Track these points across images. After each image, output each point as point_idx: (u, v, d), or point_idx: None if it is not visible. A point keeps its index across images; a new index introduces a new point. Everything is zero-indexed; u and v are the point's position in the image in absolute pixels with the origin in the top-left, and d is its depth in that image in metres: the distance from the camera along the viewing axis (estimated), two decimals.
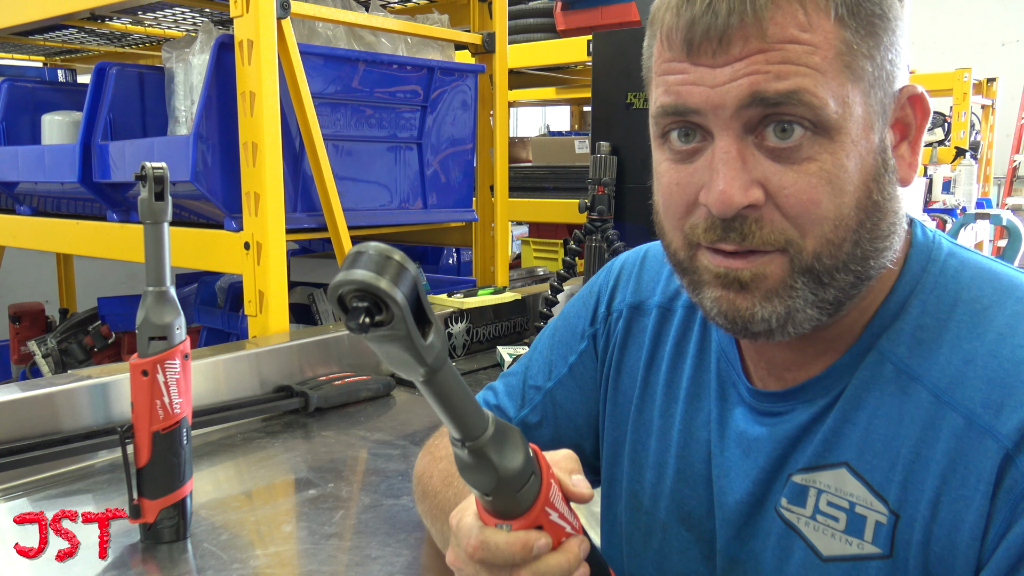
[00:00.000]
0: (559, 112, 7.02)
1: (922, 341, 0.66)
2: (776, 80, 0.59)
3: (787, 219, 0.62)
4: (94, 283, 3.36)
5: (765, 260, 0.63)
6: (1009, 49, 7.39)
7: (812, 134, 0.61)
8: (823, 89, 0.60)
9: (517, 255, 3.81)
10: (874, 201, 0.63)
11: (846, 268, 0.63)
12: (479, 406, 0.57)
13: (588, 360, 0.89)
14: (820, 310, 0.64)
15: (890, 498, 0.64)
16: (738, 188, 0.61)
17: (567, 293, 2.04)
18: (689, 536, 0.78)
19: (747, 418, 0.74)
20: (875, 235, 0.64)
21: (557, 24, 2.97)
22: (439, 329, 0.52)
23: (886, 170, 0.64)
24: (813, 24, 0.60)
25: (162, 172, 0.90)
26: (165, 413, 0.90)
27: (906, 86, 0.65)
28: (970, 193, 4.11)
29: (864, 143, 0.62)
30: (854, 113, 0.61)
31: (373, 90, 1.92)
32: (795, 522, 0.69)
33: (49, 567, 0.87)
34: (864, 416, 0.66)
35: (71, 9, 2.02)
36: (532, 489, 0.60)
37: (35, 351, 2.57)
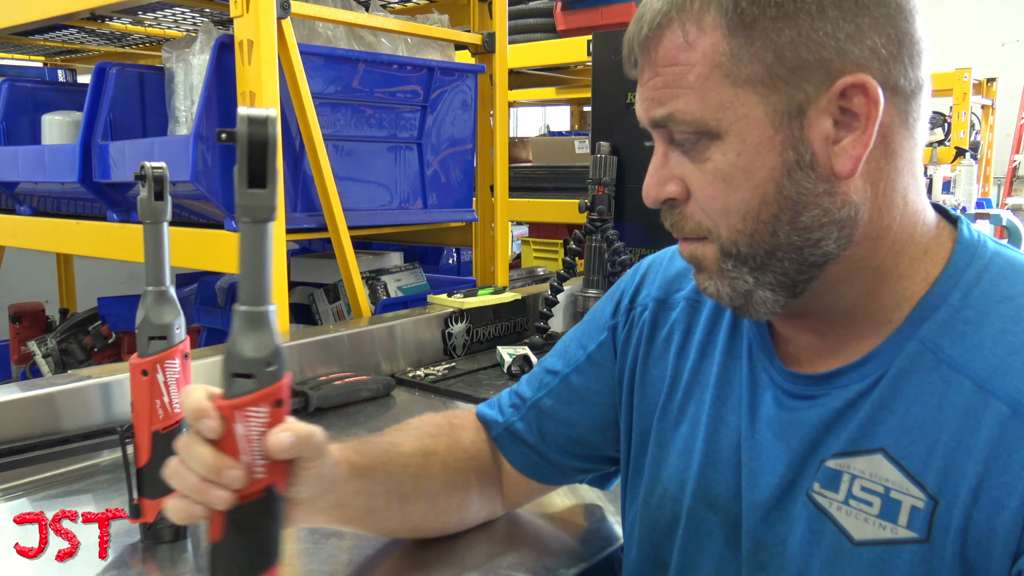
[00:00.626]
0: (559, 112, 7.02)
1: (964, 333, 0.66)
2: (658, 106, 0.68)
3: (703, 211, 0.70)
4: (94, 283, 3.35)
5: (697, 245, 0.72)
6: (1009, 49, 7.39)
7: (706, 139, 0.67)
8: (695, 105, 0.66)
9: (517, 255, 3.81)
10: (786, 196, 0.66)
11: (774, 255, 0.68)
12: (266, 291, 0.63)
13: (606, 350, 0.92)
14: (773, 291, 0.70)
15: (928, 484, 0.65)
16: (655, 184, 0.72)
17: (567, 293, 2.04)
18: (715, 520, 0.79)
19: (779, 401, 0.75)
20: (797, 226, 0.67)
21: (557, 24, 2.97)
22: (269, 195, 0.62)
23: (801, 165, 0.65)
24: (693, 43, 0.66)
25: (162, 172, 0.90)
26: (165, 413, 0.89)
27: (846, 77, 0.63)
28: (970, 193, 4.11)
29: (762, 141, 0.65)
30: (744, 115, 0.65)
31: (373, 90, 1.92)
32: (827, 507, 0.70)
33: (49, 567, 0.87)
34: (902, 404, 0.67)
35: (71, 9, 2.02)
36: (243, 387, 0.63)
37: (35, 351, 2.56)
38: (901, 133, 0.67)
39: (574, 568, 0.92)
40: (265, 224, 0.63)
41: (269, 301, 0.64)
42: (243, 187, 0.63)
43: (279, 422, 0.65)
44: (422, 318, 1.77)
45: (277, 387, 0.65)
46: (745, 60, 0.64)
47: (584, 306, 2.05)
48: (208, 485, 0.62)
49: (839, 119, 0.65)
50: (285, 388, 0.66)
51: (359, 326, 1.67)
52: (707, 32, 0.65)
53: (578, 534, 1.02)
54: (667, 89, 0.67)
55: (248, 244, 0.64)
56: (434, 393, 1.58)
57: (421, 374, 1.65)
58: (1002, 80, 5.78)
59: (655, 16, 0.67)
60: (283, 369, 0.65)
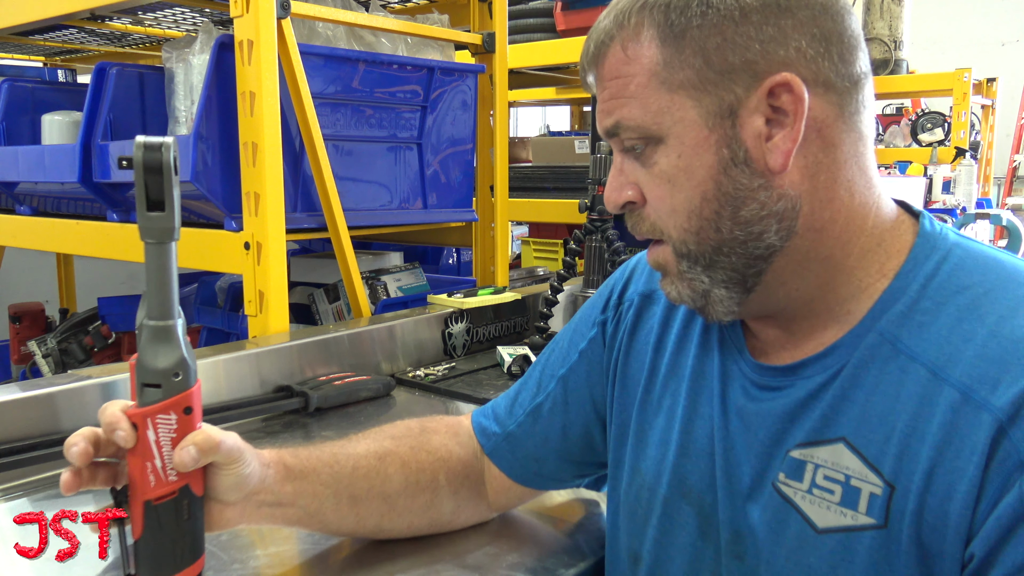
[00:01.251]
0: (559, 112, 7.02)
1: (922, 324, 0.68)
2: (607, 116, 0.74)
3: (655, 214, 0.74)
4: (94, 283, 3.35)
5: (658, 251, 0.76)
6: (1009, 49, 7.39)
7: (652, 145, 0.71)
8: (638, 112, 0.71)
9: (517, 255, 3.81)
10: (724, 192, 0.70)
11: (720, 251, 0.72)
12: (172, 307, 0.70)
13: (596, 347, 0.93)
14: (727, 289, 0.73)
15: (884, 470, 0.67)
16: (613, 190, 0.76)
17: (567, 293, 2.04)
18: (689, 510, 0.80)
19: (747, 392, 0.77)
20: (738, 220, 0.70)
21: (557, 24, 2.97)
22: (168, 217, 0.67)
23: (735, 162, 0.69)
24: (631, 56, 0.71)
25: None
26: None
27: (772, 76, 0.67)
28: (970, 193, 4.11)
29: (698, 142, 0.69)
30: (680, 119, 0.70)
31: (373, 90, 1.92)
32: (792, 496, 0.72)
33: (49, 567, 0.87)
34: (862, 393, 0.69)
35: (71, 9, 2.02)
36: (152, 396, 0.70)
37: (35, 351, 2.56)
38: (838, 127, 0.70)
39: (573, 567, 0.92)
40: (167, 244, 0.70)
41: (174, 315, 0.70)
42: (143, 210, 0.67)
43: (190, 428, 0.72)
44: (422, 318, 1.77)
45: (185, 395, 0.71)
46: (677, 67, 0.69)
47: None
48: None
49: (771, 117, 0.68)
50: (193, 396, 0.71)
51: (359, 326, 1.67)
52: (644, 45, 0.70)
53: (577, 533, 1.02)
54: (613, 100, 0.73)
55: (152, 263, 0.70)
56: (434, 393, 1.57)
57: (421, 374, 1.65)
58: (1002, 80, 5.78)
59: (600, 35, 0.74)
60: (190, 378, 0.71)
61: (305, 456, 0.87)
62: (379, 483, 0.89)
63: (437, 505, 0.94)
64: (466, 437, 0.98)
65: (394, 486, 0.90)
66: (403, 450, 0.92)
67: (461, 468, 0.95)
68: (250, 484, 0.78)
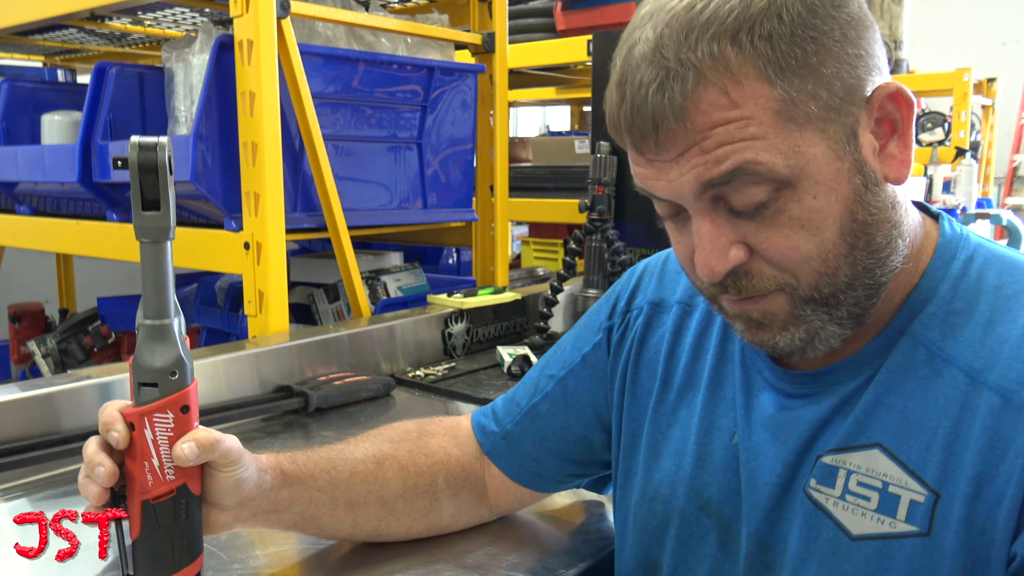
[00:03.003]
0: (559, 112, 7.02)
1: (955, 325, 0.68)
2: (717, 164, 0.63)
3: (775, 267, 0.67)
4: (94, 283, 3.35)
5: (768, 301, 0.68)
6: (1009, 49, 7.39)
7: (777, 191, 0.64)
8: (766, 153, 0.63)
9: (517, 255, 3.81)
10: (860, 222, 0.66)
11: (851, 287, 0.67)
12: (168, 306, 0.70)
13: (600, 352, 0.92)
14: (841, 325, 0.69)
15: (928, 477, 0.66)
16: (717, 258, 0.66)
17: (567, 293, 2.04)
18: (708, 522, 0.79)
19: (775, 402, 0.75)
20: (871, 249, 0.67)
21: (557, 24, 2.96)
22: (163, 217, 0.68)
23: (867, 187, 0.66)
24: (740, 98, 0.62)
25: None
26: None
27: (880, 86, 0.66)
28: (970, 193, 4.11)
29: (833, 176, 0.64)
30: (812, 155, 0.64)
31: (373, 90, 1.92)
32: (823, 502, 0.71)
33: (49, 567, 0.87)
34: (898, 399, 0.68)
35: (71, 9, 2.02)
36: (149, 395, 0.70)
37: (35, 351, 2.56)
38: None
39: (574, 568, 0.92)
40: (163, 244, 0.69)
41: (171, 314, 0.70)
42: (138, 210, 0.68)
43: (187, 427, 0.72)
44: (422, 318, 1.77)
45: (181, 394, 0.71)
46: (803, 100, 0.63)
47: (584, 306, 2.05)
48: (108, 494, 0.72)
49: (875, 131, 0.67)
50: (190, 395, 0.72)
51: (359, 326, 1.67)
52: (751, 83, 0.62)
53: (578, 534, 1.02)
54: (724, 147, 0.63)
55: (148, 262, 0.70)
56: (434, 393, 1.57)
57: (421, 374, 1.65)
58: (1002, 80, 5.78)
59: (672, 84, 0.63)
60: (187, 377, 0.71)
61: (303, 461, 0.86)
62: (377, 488, 0.89)
63: (436, 509, 0.93)
64: (465, 438, 0.98)
65: (392, 490, 0.90)
66: (401, 454, 0.92)
67: (460, 470, 0.95)
68: (246, 488, 0.78)
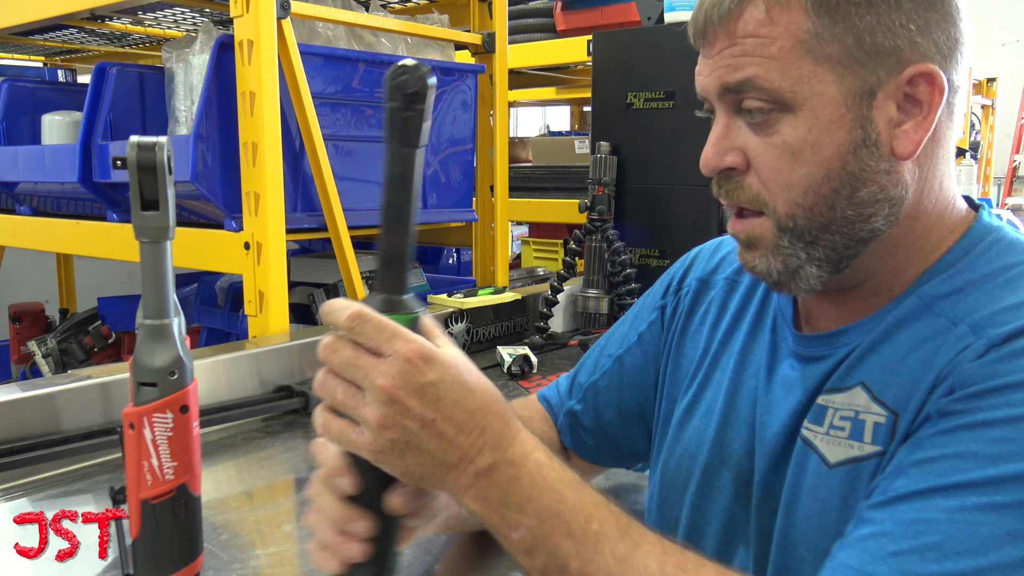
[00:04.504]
0: (559, 112, 7.02)
1: (962, 290, 0.70)
2: (734, 72, 0.70)
3: (762, 184, 0.72)
4: (94, 283, 3.35)
5: (754, 224, 0.74)
6: (1009, 49, 7.39)
7: (777, 111, 0.69)
8: (776, 74, 0.69)
9: (517, 255, 3.81)
10: (848, 171, 0.70)
11: (828, 229, 0.71)
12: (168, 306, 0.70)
13: (656, 330, 0.97)
14: (819, 267, 0.73)
15: (888, 399, 0.69)
16: (715, 154, 0.73)
17: (567, 293, 2.04)
18: (728, 476, 0.83)
19: (792, 364, 0.79)
20: (854, 201, 0.70)
21: (557, 24, 2.97)
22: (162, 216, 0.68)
23: (866, 143, 0.69)
24: (774, 19, 0.69)
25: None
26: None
27: (915, 64, 0.68)
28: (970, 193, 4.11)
29: (833, 118, 0.69)
30: (820, 92, 0.68)
31: (373, 90, 1.92)
32: (812, 439, 0.74)
33: (49, 567, 0.87)
34: (891, 347, 0.71)
35: (71, 9, 2.02)
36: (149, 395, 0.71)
37: (35, 351, 2.57)
38: (947, 124, 0.73)
39: None
40: (162, 243, 0.69)
41: (170, 314, 0.70)
42: (137, 210, 0.68)
43: (187, 427, 0.72)
44: None
45: (181, 394, 0.71)
46: (827, 40, 0.67)
47: (584, 306, 2.05)
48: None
49: (902, 104, 0.69)
50: (189, 395, 0.71)
51: None
52: (791, 10, 0.68)
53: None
54: (746, 57, 0.70)
55: (148, 262, 0.69)
56: None
57: None
58: (1002, 80, 5.79)
59: None
60: (187, 378, 0.71)
61: None
62: None
63: None
64: (547, 417, 1.03)
65: None
66: None
67: (556, 449, 0.99)
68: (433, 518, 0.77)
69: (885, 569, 0.58)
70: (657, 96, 1.99)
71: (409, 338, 0.63)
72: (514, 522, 0.65)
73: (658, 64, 2.00)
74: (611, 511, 0.66)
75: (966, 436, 0.61)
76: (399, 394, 0.62)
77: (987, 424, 0.60)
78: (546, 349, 1.88)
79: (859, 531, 0.62)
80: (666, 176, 2.03)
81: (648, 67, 2.01)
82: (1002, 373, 0.62)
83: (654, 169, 2.05)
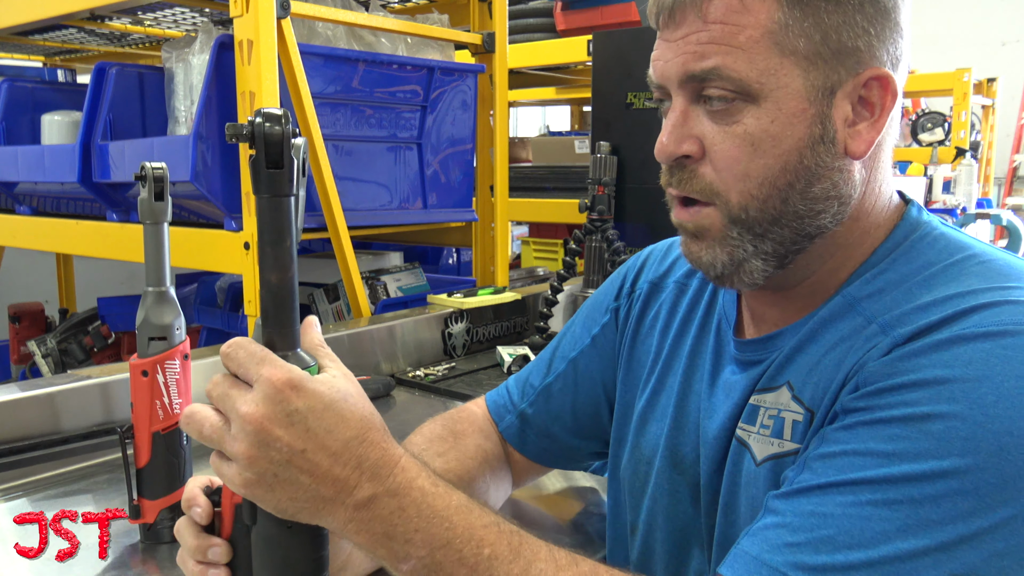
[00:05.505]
0: (559, 112, 7.02)
1: (883, 290, 0.71)
2: (700, 59, 0.69)
3: (716, 173, 0.71)
4: (94, 283, 3.35)
5: (703, 213, 0.73)
6: (1009, 49, 7.39)
7: (741, 101, 0.69)
8: (743, 64, 0.68)
9: (517, 255, 3.81)
10: (805, 166, 0.70)
11: (778, 222, 0.71)
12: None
13: (609, 332, 0.97)
14: (765, 261, 0.73)
15: (805, 398, 0.71)
16: (673, 140, 0.73)
17: (567, 293, 2.04)
18: (680, 480, 0.84)
19: (733, 370, 0.80)
20: (807, 196, 0.71)
21: (557, 24, 2.97)
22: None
23: (824, 140, 0.70)
24: (747, 6, 0.68)
25: (162, 172, 0.90)
26: (165, 413, 0.90)
27: (872, 68, 0.70)
28: (970, 193, 4.11)
29: (796, 112, 0.69)
30: (785, 84, 0.68)
31: (373, 90, 1.92)
32: (746, 439, 0.76)
33: (49, 567, 0.87)
34: (817, 347, 0.73)
35: (71, 9, 2.02)
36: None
37: (35, 351, 2.57)
38: (889, 129, 0.74)
39: None
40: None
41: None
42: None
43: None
44: (422, 318, 1.77)
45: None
46: (796, 33, 0.68)
47: None
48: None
49: (855, 105, 0.71)
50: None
51: (359, 326, 1.67)
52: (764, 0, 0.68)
53: (578, 533, 1.02)
54: (714, 44, 0.69)
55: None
56: (434, 393, 1.57)
57: (421, 374, 1.65)
58: (1002, 80, 5.78)
59: None
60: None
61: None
62: None
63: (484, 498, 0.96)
64: (489, 427, 1.01)
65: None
66: (453, 464, 0.93)
67: (496, 461, 0.99)
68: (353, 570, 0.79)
69: (780, 559, 0.60)
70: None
71: (277, 365, 0.61)
72: (403, 554, 0.62)
73: None
74: (501, 532, 0.64)
75: (865, 433, 0.62)
76: (264, 423, 0.59)
77: (885, 422, 0.61)
78: None
79: (763, 520, 0.64)
80: None
81: (648, 67, 2.00)
82: (902, 371, 0.63)
83: (654, 169, 2.03)
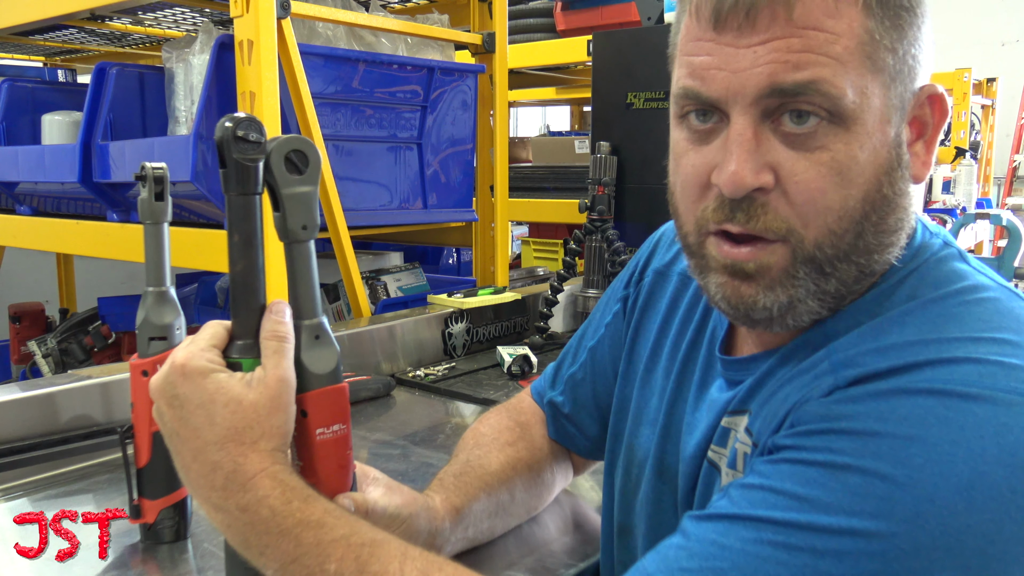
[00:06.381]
0: (559, 112, 7.02)
1: (859, 323, 0.64)
2: (795, 70, 0.58)
3: (792, 207, 0.61)
4: (94, 283, 3.35)
5: (768, 251, 0.63)
6: (1009, 49, 7.39)
7: (828, 123, 0.60)
8: (842, 79, 0.59)
9: (517, 255, 3.81)
10: (883, 195, 0.62)
11: (848, 259, 0.63)
12: (317, 300, 0.76)
13: (619, 321, 0.96)
14: (821, 302, 0.64)
15: (754, 429, 0.68)
16: (749, 170, 0.61)
17: (567, 293, 2.04)
18: (665, 488, 0.82)
19: (721, 386, 0.76)
20: (880, 228, 0.63)
21: (557, 24, 2.97)
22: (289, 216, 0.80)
23: (899, 165, 0.63)
24: (840, 10, 0.59)
25: (162, 172, 0.90)
26: None
27: (927, 84, 0.64)
28: (970, 193, 4.11)
29: (879, 136, 0.61)
30: (872, 105, 0.60)
31: (373, 90, 1.92)
32: (717, 461, 0.73)
33: (49, 567, 0.87)
34: (777, 376, 0.68)
35: (71, 9, 2.02)
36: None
37: (35, 351, 2.56)
38: None
39: (573, 568, 0.92)
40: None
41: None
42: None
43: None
44: (422, 318, 1.77)
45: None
46: (884, 46, 0.60)
47: (584, 306, 2.05)
48: None
49: (909, 126, 0.64)
50: None
51: (359, 326, 1.67)
52: (854, 2, 0.59)
53: (578, 534, 1.02)
54: (808, 54, 0.58)
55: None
56: (434, 393, 1.57)
57: (421, 374, 1.65)
58: (1002, 80, 5.78)
59: None
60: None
61: (465, 490, 0.89)
62: (518, 491, 0.95)
63: (552, 487, 1.00)
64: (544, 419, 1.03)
65: (523, 489, 0.95)
66: (524, 454, 0.97)
67: (559, 450, 1.01)
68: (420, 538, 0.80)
69: None
70: (657, 96, 1.99)
71: (188, 347, 0.68)
72: (261, 564, 0.66)
73: (658, 64, 1.98)
74: (350, 547, 0.64)
75: (785, 471, 0.58)
76: (155, 394, 0.68)
77: (806, 463, 0.57)
78: (546, 349, 1.88)
79: (672, 539, 0.61)
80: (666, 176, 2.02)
81: (648, 67, 2.01)
82: (835, 416, 0.58)
83: (654, 169, 2.04)
